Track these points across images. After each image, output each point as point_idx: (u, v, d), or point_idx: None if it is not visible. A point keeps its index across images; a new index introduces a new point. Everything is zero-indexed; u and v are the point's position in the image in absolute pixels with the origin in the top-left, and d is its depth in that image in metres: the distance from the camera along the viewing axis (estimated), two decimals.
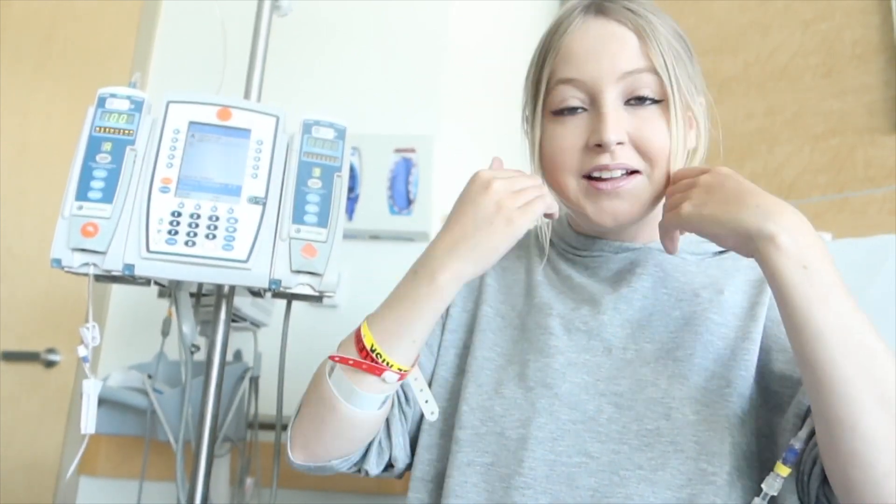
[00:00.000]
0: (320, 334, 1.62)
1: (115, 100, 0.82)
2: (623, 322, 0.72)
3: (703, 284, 0.74)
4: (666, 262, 0.76)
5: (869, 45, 1.60)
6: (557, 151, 0.72)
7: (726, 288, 0.73)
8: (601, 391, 0.69)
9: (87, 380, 0.78)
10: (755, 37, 1.79)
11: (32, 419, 1.73)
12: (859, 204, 1.55)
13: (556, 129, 0.72)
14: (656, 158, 0.69)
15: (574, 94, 0.71)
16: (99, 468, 1.57)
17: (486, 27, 1.87)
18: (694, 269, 0.76)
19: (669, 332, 0.71)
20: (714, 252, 0.78)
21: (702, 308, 0.71)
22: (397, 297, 0.68)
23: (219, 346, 0.96)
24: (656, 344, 0.70)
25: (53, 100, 1.93)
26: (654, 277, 0.74)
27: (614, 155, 0.68)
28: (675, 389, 0.67)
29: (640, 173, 0.70)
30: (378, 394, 0.67)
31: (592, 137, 0.69)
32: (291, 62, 1.67)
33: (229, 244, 0.77)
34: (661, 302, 0.73)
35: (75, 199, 0.76)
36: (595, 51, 0.70)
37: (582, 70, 0.70)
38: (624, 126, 0.68)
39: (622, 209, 0.70)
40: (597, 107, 0.69)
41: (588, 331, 0.72)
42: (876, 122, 1.56)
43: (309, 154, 0.85)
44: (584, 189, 0.71)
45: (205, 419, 0.94)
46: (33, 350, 1.76)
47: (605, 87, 0.69)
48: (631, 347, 0.71)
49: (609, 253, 0.78)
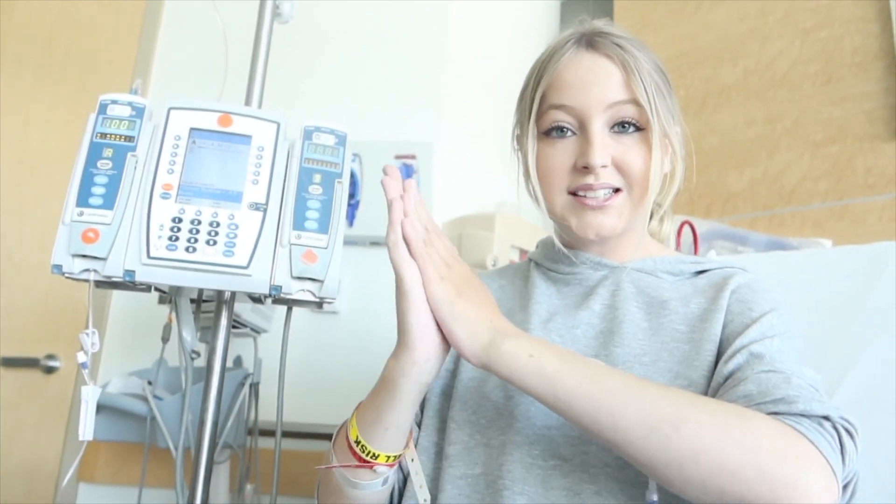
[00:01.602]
0: (321, 340, 1.62)
1: (117, 106, 0.82)
2: (596, 334, 0.77)
3: (673, 297, 0.78)
4: (641, 280, 0.80)
5: (868, 53, 1.61)
6: (548, 172, 0.79)
7: (693, 300, 0.77)
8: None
9: (86, 386, 0.78)
10: (755, 45, 1.79)
11: (32, 425, 1.73)
12: (859, 211, 1.55)
13: (547, 149, 0.79)
14: (636, 179, 0.76)
15: (564, 118, 0.78)
16: (98, 475, 1.57)
17: (486, 34, 1.87)
18: (667, 286, 0.80)
19: (638, 340, 0.74)
20: (692, 272, 0.82)
21: (668, 319, 0.75)
22: (378, 383, 0.72)
23: (219, 353, 0.96)
24: (624, 349, 0.74)
25: (54, 106, 1.94)
26: (627, 293, 0.79)
27: (598, 176, 0.75)
28: None
29: (622, 191, 0.77)
30: (376, 480, 0.72)
31: (580, 160, 0.76)
32: (293, 69, 1.68)
33: (230, 250, 0.77)
34: (632, 314, 0.77)
35: (76, 205, 0.76)
36: (585, 82, 0.77)
37: (573, 98, 0.77)
38: (609, 151, 0.76)
39: (606, 223, 0.77)
40: (585, 133, 0.76)
41: (562, 342, 0.77)
42: (876, 129, 1.56)
43: (310, 160, 0.85)
44: (570, 204, 0.78)
45: (205, 425, 0.93)
46: (33, 356, 1.76)
47: (594, 116, 0.76)
48: (602, 354, 0.74)
49: (588, 270, 0.83)
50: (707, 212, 1.76)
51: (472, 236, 1.55)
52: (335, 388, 1.56)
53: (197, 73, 1.51)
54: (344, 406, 1.57)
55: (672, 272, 0.82)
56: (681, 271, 0.82)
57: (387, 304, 1.59)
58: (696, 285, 0.79)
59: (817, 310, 1.01)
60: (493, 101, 1.68)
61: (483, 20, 1.87)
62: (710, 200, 1.78)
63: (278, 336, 0.94)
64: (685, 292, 0.79)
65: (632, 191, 0.77)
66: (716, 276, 0.80)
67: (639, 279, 0.80)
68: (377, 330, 1.58)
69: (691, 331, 0.74)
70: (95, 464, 1.56)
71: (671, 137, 0.80)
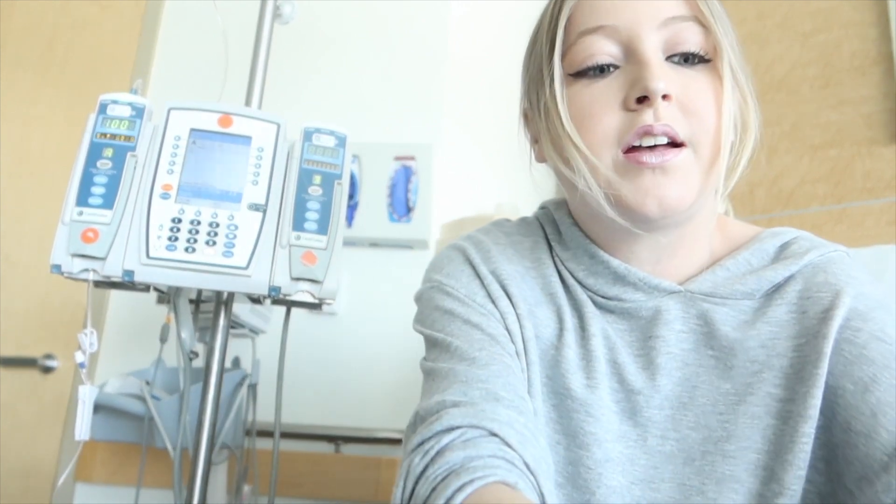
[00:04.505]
0: (319, 341, 1.62)
1: (117, 106, 0.82)
2: (661, 400, 0.57)
3: (761, 342, 0.56)
4: (712, 311, 0.58)
5: (867, 57, 1.61)
6: (587, 117, 0.56)
7: (780, 344, 0.55)
8: (636, 498, 0.55)
9: (83, 386, 0.78)
10: (753, 49, 1.79)
11: (29, 425, 1.72)
12: (858, 215, 1.55)
13: (583, 92, 0.57)
14: (705, 126, 0.55)
15: (604, 46, 0.56)
16: (95, 475, 1.56)
17: (487, 35, 1.87)
18: (747, 317, 0.58)
19: (718, 415, 0.55)
20: (766, 290, 0.59)
21: (759, 379, 0.55)
22: None
23: (217, 353, 0.96)
24: (702, 432, 0.55)
25: (54, 107, 1.94)
26: (698, 334, 0.58)
27: (658, 114, 0.53)
28: (726, 497, 0.53)
29: (686, 146, 0.55)
30: None
31: (633, 91, 0.54)
32: (293, 70, 1.68)
33: (229, 251, 0.78)
34: (707, 369, 0.57)
35: (76, 204, 0.76)
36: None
37: (614, 15, 0.56)
38: (670, 81, 0.54)
39: (671, 191, 0.54)
40: (636, 57, 0.55)
41: (620, 411, 0.57)
42: (874, 133, 1.57)
43: (309, 161, 0.85)
44: (622, 166, 0.55)
45: (203, 426, 0.93)
46: (31, 356, 1.76)
47: (645, 35, 0.55)
48: (671, 436, 0.56)
49: (640, 297, 0.60)
50: None
51: None
52: (334, 390, 1.56)
53: (197, 73, 1.51)
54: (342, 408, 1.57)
55: (755, 290, 0.58)
56: (752, 290, 0.58)
57: (386, 305, 1.60)
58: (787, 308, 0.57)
59: None
60: (493, 104, 1.68)
61: (483, 22, 1.87)
62: None
63: (277, 337, 0.94)
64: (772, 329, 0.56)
65: (699, 147, 0.55)
66: (809, 289, 0.57)
67: (709, 310, 0.58)
68: (376, 331, 1.57)
69: (790, 399, 0.53)
70: (93, 464, 1.56)
71: (741, 78, 0.58)
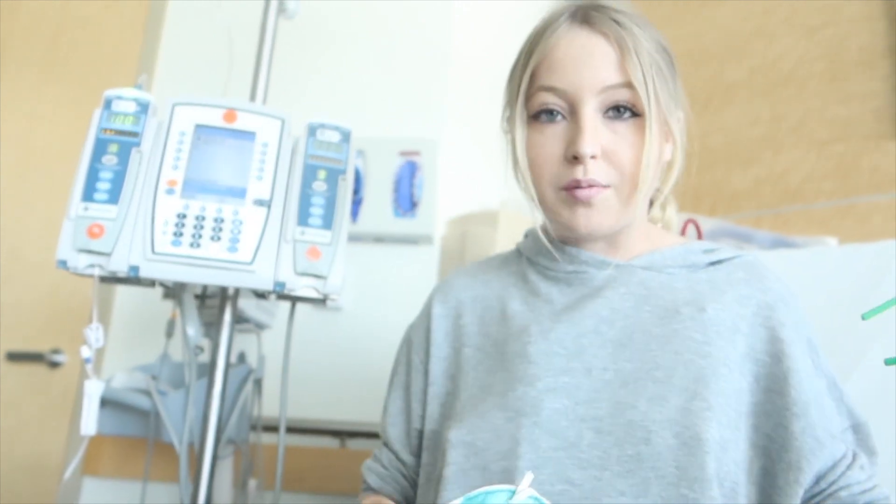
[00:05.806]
0: (324, 337, 1.63)
1: (122, 101, 0.83)
2: (604, 342, 0.72)
3: (686, 301, 0.73)
4: (650, 279, 0.76)
5: (875, 52, 1.60)
6: (538, 162, 0.74)
7: (709, 305, 0.72)
8: (581, 416, 0.68)
9: (89, 380, 0.78)
10: (760, 43, 1.78)
11: (36, 419, 1.74)
12: (865, 210, 1.55)
13: (536, 136, 0.74)
14: (626, 172, 0.71)
15: (554, 101, 0.72)
16: (102, 469, 1.57)
17: (491, 30, 1.87)
18: (680, 284, 0.75)
19: (650, 351, 0.70)
20: (707, 263, 0.77)
21: (683, 326, 0.71)
22: None
23: (223, 348, 0.96)
24: (636, 363, 0.70)
25: (59, 103, 1.94)
26: (637, 296, 0.74)
27: (587, 170, 0.69)
28: (655, 412, 0.66)
29: (609, 188, 0.71)
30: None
31: (569, 149, 0.71)
32: (297, 65, 1.68)
33: (234, 246, 0.78)
34: (643, 321, 0.72)
35: (81, 199, 0.76)
36: (578, 62, 0.71)
37: (563, 80, 0.72)
38: (600, 139, 0.70)
39: (594, 220, 0.71)
40: (576, 118, 0.71)
41: (567, 354, 0.72)
42: (882, 128, 1.56)
43: (314, 157, 0.85)
44: (562, 199, 0.73)
45: (208, 421, 0.94)
46: (38, 350, 1.77)
47: (585, 99, 0.70)
48: (610, 367, 0.70)
49: (592, 269, 0.77)
50: (712, 210, 1.76)
51: (476, 234, 1.55)
52: (339, 385, 1.56)
53: (201, 69, 1.51)
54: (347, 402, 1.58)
55: (684, 265, 0.77)
56: (693, 263, 0.77)
57: (390, 300, 1.60)
58: (714, 282, 0.75)
59: (822, 307, 1.01)
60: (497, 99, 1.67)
61: (488, 17, 1.87)
62: (714, 198, 1.77)
63: (282, 332, 0.94)
64: (700, 291, 0.74)
65: (621, 187, 0.71)
66: (734, 274, 0.76)
67: (649, 279, 0.76)
68: (380, 326, 1.58)
69: (706, 343, 0.70)
70: (100, 458, 1.57)
71: (671, 124, 0.74)
